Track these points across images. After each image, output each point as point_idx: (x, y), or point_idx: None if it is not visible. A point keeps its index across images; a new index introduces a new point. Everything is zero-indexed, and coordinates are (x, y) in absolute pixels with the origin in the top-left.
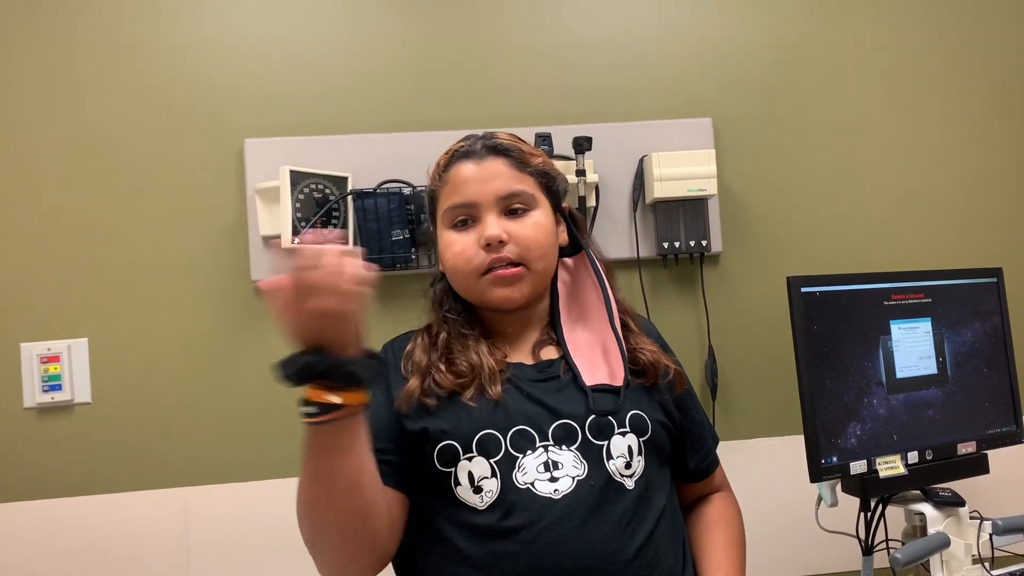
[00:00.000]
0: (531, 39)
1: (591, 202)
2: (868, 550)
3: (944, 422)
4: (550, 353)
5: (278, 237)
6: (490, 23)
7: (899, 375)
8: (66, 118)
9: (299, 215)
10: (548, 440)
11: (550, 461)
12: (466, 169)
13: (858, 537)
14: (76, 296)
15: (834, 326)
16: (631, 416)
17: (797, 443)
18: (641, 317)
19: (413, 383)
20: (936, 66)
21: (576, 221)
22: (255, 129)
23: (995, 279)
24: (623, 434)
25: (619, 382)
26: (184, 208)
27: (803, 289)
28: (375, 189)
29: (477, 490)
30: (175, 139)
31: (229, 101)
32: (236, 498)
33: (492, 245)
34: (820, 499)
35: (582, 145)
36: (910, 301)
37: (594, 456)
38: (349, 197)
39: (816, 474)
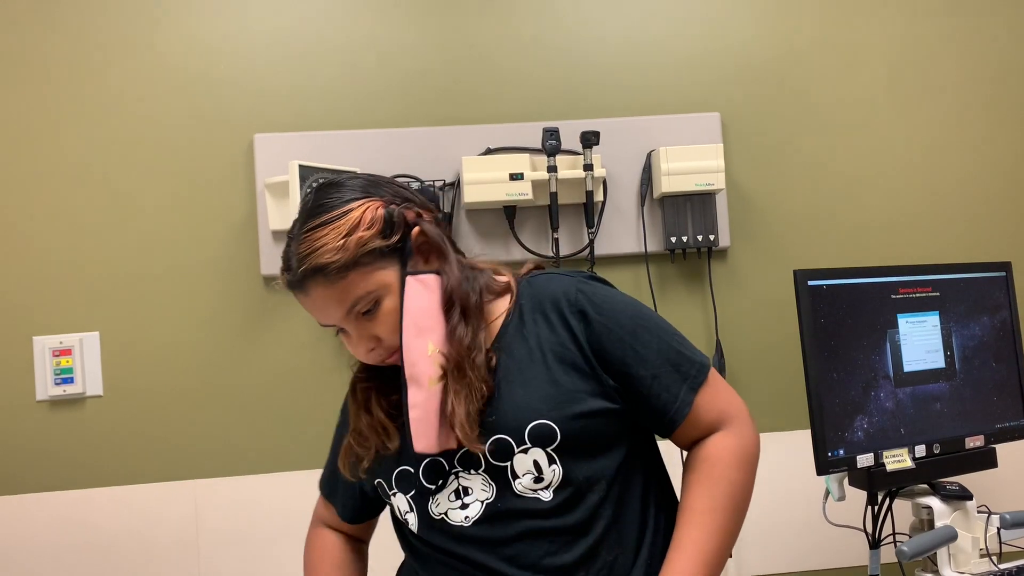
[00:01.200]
0: (539, 34)
1: (599, 197)
2: (875, 544)
3: (952, 416)
4: None
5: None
6: (499, 19)
7: (907, 369)
8: (77, 114)
9: None
10: (456, 467)
11: (460, 487)
12: (302, 302)
13: (865, 531)
14: (88, 290)
15: (841, 320)
16: (531, 428)
17: (804, 438)
18: (568, 285)
19: (344, 447)
20: (945, 61)
21: (429, 242)
22: (264, 124)
23: (1004, 273)
24: (525, 451)
25: (418, 448)
26: (194, 203)
27: (810, 282)
28: None
29: (404, 522)
30: (185, 134)
31: (239, 97)
32: (246, 491)
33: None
34: (827, 493)
35: (590, 140)
36: (918, 295)
37: (500, 478)
38: None
39: (823, 467)
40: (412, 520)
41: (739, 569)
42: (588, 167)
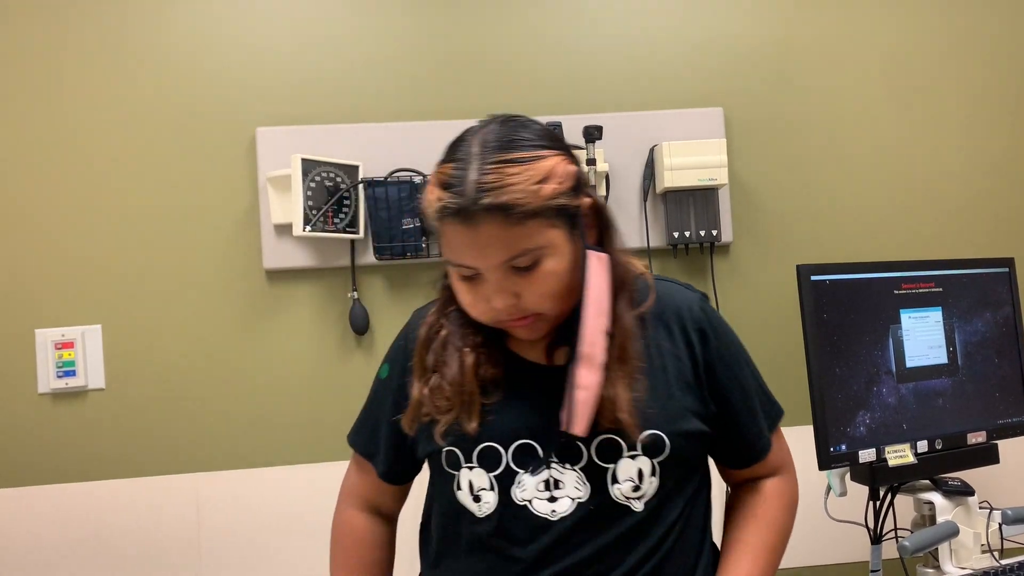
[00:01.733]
0: (542, 28)
1: (601, 191)
2: (877, 539)
3: (954, 411)
4: (561, 356)
5: (289, 225)
6: (501, 12)
7: (909, 364)
8: (79, 109)
9: (310, 203)
10: (552, 457)
11: (551, 479)
12: (457, 232)
13: (867, 526)
14: (90, 283)
15: (844, 315)
16: (644, 437)
17: (806, 433)
18: (693, 298)
19: (413, 398)
20: (948, 56)
21: (601, 217)
22: (267, 118)
23: (1007, 269)
24: (633, 457)
25: (576, 430)
26: (197, 196)
27: (813, 277)
28: (386, 178)
29: (476, 499)
30: (187, 128)
31: (241, 90)
32: (248, 484)
33: (501, 311)
34: (829, 489)
35: (592, 134)
36: (920, 290)
37: (598, 479)
38: (360, 186)
39: (825, 462)
40: (489, 500)
41: None
42: (591, 162)
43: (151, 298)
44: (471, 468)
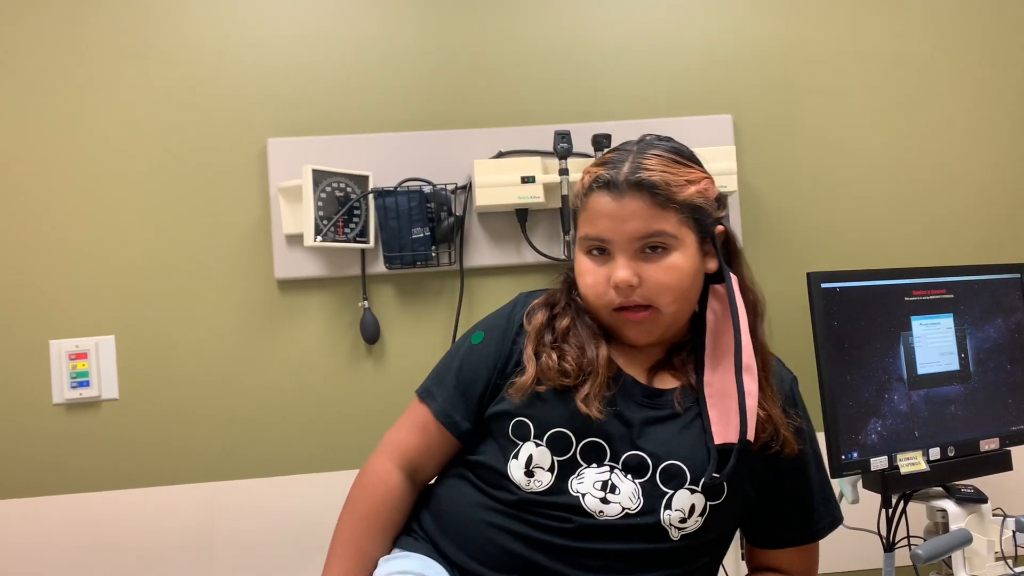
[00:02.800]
0: (551, 37)
1: None
2: (889, 547)
3: (966, 418)
4: (664, 381)
5: (300, 235)
6: (510, 21)
7: (920, 371)
8: (92, 119)
9: (321, 213)
10: (618, 464)
11: (611, 482)
12: (604, 203)
13: (879, 534)
14: (103, 294)
15: (854, 322)
16: (710, 478)
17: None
18: (787, 375)
19: (530, 373)
20: (958, 61)
21: (730, 244)
22: (278, 129)
23: (1018, 275)
24: (692, 491)
25: (733, 440)
26: (208, 207)
27: (823, 285)
28: (395, 187)
29: (529, 474)
30: (199, 139)
31: (252, 101)
32: (260, 493)
33: (621, 288)
34: (841, 496)
35: (601, 143)
36: (932, 297)
37: (655, 500)
38: (370, 195)
39: (836, 470)
40: (543, 479)
41: None
42: None
43: (164, 308)
44: (538, 445)
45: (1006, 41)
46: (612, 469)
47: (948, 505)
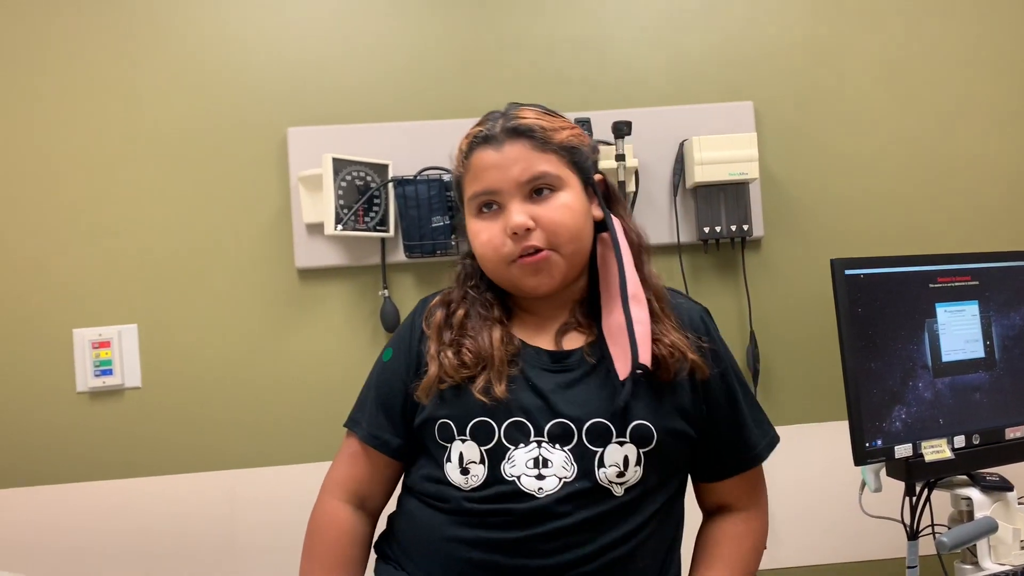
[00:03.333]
0: (570, 24)
1: (631, 187)
2: (913, 535)
3: (992, 406)
4: (573, 341)
5: (321, 224)
6: (529, 9)
7: (945, 358)
8: (115, 109)
9: (341, 202)
10: (543, 436)
11: (541, 457)
12: (486, 156)
13: (903, 522)
14: (126, 283)
15: (879, 309)
16: (634, 427)
17: (840, 429)
18: (695, 307)
19: (432, 372)
20: (984, 44)
21: (610, 191)
22: (298, 118)
23: None
24: (621, 443)
25: (625, 372)
26: (229, 196)
27: (847, 272)
28: (415, 176)
29: (464, 471)
30: (220, 129)
31: (272, 91)
32: (281, 481)
33: (518, 234)
34: (864, 485)
35: (622, 130)
36: (956, 284)
37: (586, 461)
38: (390, 184)
39: (860, 457)
40: (478, 473)
41: (774, 561)
42: (620, 157)
43: (186, 298)
44: (463, 441)
45: None
46: (539, 444)
47: (973, 493)
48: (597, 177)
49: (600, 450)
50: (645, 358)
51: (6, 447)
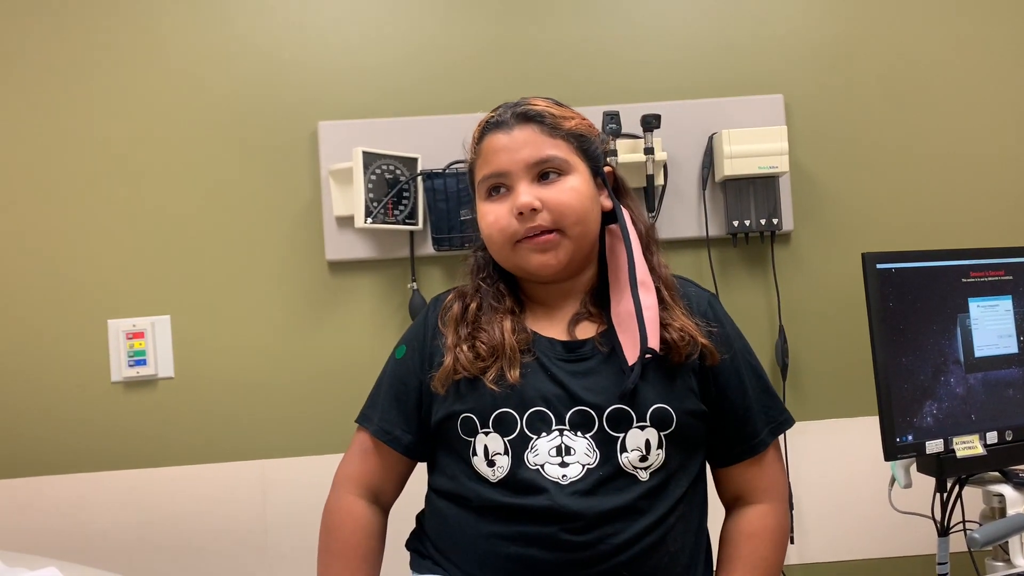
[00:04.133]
0: (601, 16)
1: (659, 180)
2: (944, 531)
3: None
4: (585, 330)
5: (351, 217)
6: (561, 2)
7: (978, 354)
8: (150, 105)
9: (371, 196)
10: (564, 424)
11: (563, 446)
12: (496, 140)
13: (933, 518)
14: (159, 275)
15: (910, 303)
16: (653, 411)
17: (870, 424)
18: (703, 293)
19: (447, 362)
20: (1015, 36)
21: (619, 183)
22: (328, 112)
23: None
24: (642, 428)
25: (634, 357)
26: (261, 190)
27: (879, 266)
28: (444, 169)
29: (490, 464)
30: (252, 122)
31: (303, 85)
32: (313, 470)
33: (524, 214)
34: (893, 480)
35: (650, 123)
36: (990, 278)
37: (608, 447)
38: (419, 178)
39: (891, 452)
40: (503, 464)
41: (802, 557)
42: (649, 151)
43: (218, 289)
44: (487, 433)
45: None
46: (561, 432)
47: (1005, 490)
48: (607, 168)
49: (622, 435)
50: (654, 342)
51: (42, 435)
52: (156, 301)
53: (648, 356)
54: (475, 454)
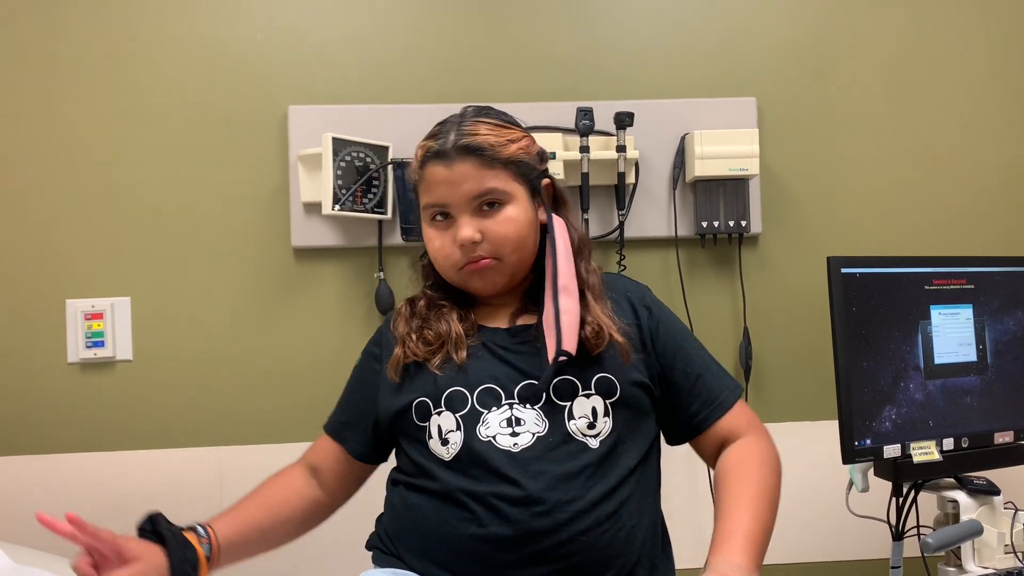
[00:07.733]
0: (575, 13)
1: (630, 179)
2: (898, 535)
3: (982, 410)
4: (528, 320)
5: (319, 203)
6: None
7: (937, 361)
8: (114, 83)
9: (340, 183)
10: (514, 398)
11: (513, 417)
12: (437, 171)
13: (889, 522)
14: (120, 256)
15: (873, 309)
16: (597, 379)
17: (830, 428)
18: (640, 286)
19: (397, 351)
20: (983, 47)
21: (557, 194)
22: (299, 96)
23: None
24: (587, 396)
25: (566, 346)
26: (228, 172)
27: (844, 270)
28: None
29: (444, 442)
30: (220, 105)
31: (274, 68)
32: (270, 459)
33: (466, 246)
34: (851, 484)
35: (624, 121)
36: (952, 286)
37: (556, 416)
38: (389, 166)
39: (849, 456)
40: (456, 440)
41: None
42: (621, 148)
43: (180, 272)
44: (440, 413)
45: None
46: (511, 406)
47: (960, 496)
48: (545, 182)
49: (568, 404)
50: (568, 345)
51: None
52: (116, 282)
53: (562, 359)
54: (431, 437)
